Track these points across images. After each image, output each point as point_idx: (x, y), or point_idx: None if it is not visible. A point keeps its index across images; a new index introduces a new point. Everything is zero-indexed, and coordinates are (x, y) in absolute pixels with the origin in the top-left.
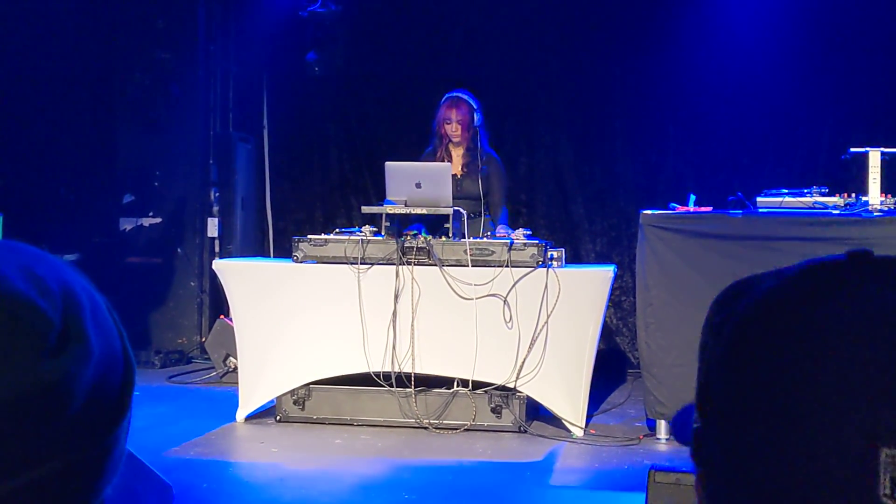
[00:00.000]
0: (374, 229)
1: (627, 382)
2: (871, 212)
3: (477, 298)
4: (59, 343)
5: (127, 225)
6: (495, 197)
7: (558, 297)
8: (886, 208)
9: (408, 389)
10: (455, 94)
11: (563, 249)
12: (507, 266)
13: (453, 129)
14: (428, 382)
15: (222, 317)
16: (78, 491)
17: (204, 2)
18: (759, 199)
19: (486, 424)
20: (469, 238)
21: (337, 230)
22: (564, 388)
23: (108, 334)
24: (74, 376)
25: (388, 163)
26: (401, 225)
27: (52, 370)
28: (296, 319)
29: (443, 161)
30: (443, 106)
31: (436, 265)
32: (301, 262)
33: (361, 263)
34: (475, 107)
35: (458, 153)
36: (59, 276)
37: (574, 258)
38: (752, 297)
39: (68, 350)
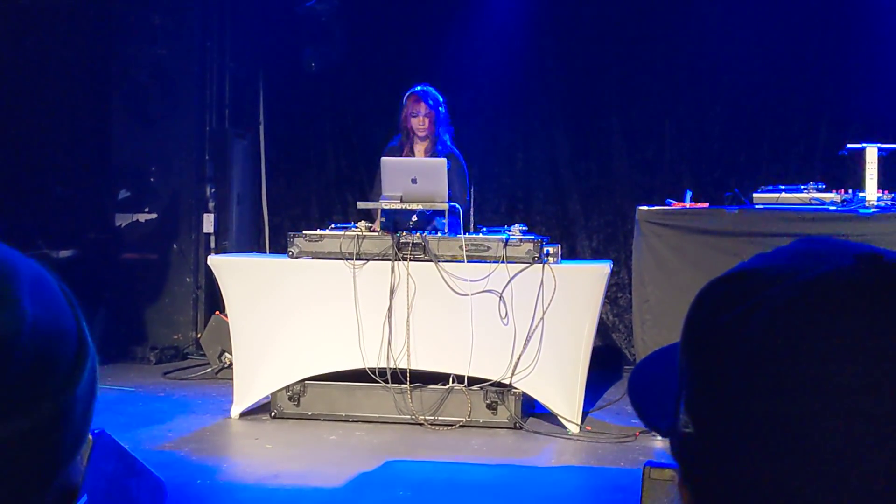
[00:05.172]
0: (370, 225)
1: (623, 379)
2: (867, 208)
3: (472, 294)
4: None
5: (122, 221)
6: (454, 194)
7: (554, 293)
8: (883, 204)
9: (403, 386)
10: (420, 88)
11: (559, 245)
12: (502, 262)
13: (420, 123)
14: (423, 379)
15: (217, 313)
16: (32, 459)
17: None
18: (755, 195)
19: (481, 421)
20: (465, 235)
21: (332, 226)
22: (560, 385)
23: (55, 309)
24: (3, 338)
25: (383, 158)
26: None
27: None
28: (291, 315)
29: (408, 156)
30: (409, 100)
31: (431, 261)
32: (296, 257)
33: (357, 259)
34: (441, 101)
35: (420, 148)
36: None
37: (570, 254)
38: (767, 306)
39: None
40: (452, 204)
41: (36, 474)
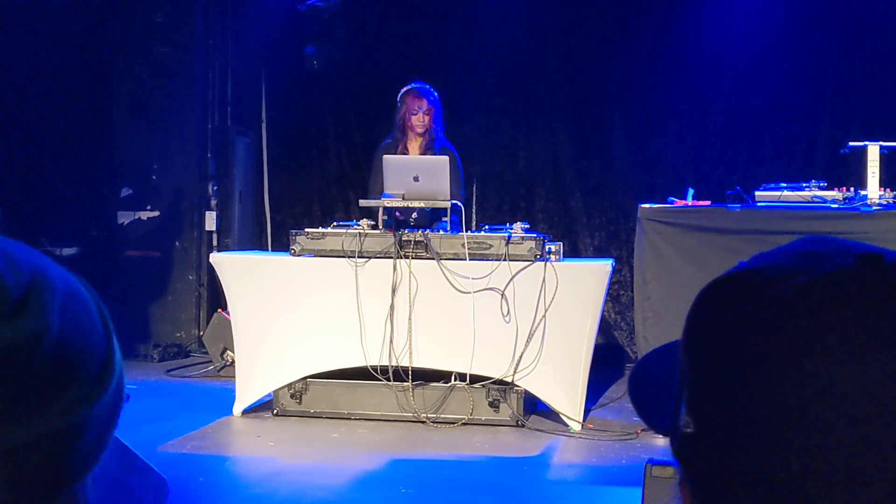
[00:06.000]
0: (372, 223)
1: (625, 377)
2: (869, 206)
3: (475, 292)
4: (14, 312)
5: (125, 218)
6: (451, 190)
7: (556, 290)
8: (885, 202)
9: (405, 383)
10: (418, 85)
11: (561, 243)
12: (505, 260)
13: (419, 120)
14: (425, 376)
15: (220, 310)
16: (36, 473)
17: None
18: (757, 192)
19: (483, 418)
20: (466, 231)
21: (334, 223)
22: (562, 383)
23: (84, 327)
24: (23, 346)
25: (385, 156)
26: (398, 217)
27: (2, 334)
28: (293, 313)
29: (403, 153)
30: (408, 96)
31: (433, 259)
32: (298, 255)
33: (359, 257)
34: (437, 97)
35: (415, 145)
36: (36, 263)
37: (572, 252)
38: (769, 306)
39: (20, 321)
40: (454, 202)
41: (37, 489)
